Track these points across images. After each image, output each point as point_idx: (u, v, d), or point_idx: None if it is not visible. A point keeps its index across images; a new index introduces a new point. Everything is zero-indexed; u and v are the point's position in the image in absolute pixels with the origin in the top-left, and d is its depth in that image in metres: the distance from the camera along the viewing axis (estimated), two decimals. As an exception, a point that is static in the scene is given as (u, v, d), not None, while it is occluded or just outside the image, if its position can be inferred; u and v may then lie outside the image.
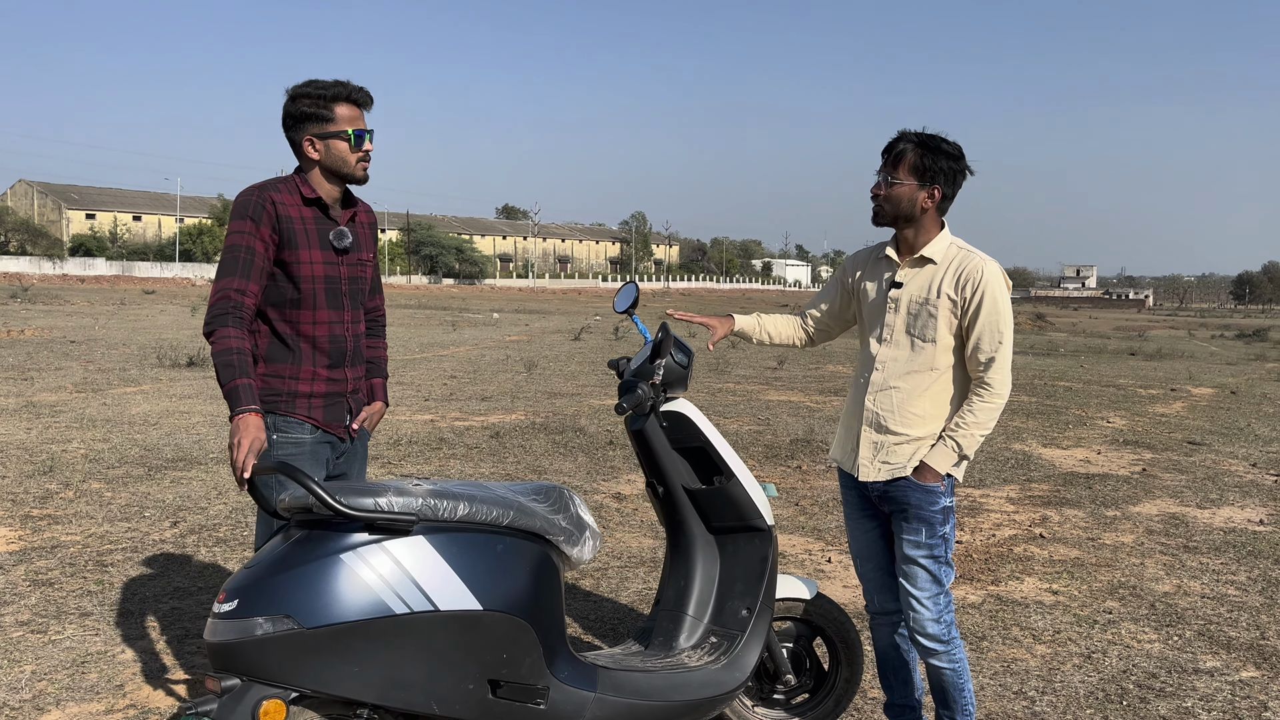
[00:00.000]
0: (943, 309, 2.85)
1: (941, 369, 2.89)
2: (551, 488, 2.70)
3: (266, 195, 2.78)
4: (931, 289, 2.87)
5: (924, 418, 2.89)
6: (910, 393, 2.89)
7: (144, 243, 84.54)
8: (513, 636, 2.42)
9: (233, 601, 2.23)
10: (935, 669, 2.96)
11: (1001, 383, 2.83)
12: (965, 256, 2.87)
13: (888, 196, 2.86)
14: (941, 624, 2.90)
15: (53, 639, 3.93)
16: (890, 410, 2.91)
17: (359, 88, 2.86)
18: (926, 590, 2.89)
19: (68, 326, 21.33)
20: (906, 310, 2.91)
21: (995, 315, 2.81)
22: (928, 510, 2.87)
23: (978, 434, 2.84)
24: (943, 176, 2.84)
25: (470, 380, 13.33)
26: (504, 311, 40.26)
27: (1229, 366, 22.13)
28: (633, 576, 4.97)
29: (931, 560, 2.88)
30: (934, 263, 2.89)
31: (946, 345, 2.87)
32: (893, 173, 2.85)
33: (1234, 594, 4.94)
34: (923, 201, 2.85)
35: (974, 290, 2.81)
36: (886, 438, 2.91)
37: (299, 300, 2.83)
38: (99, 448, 7.72)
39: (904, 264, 2.94)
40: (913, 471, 2.87)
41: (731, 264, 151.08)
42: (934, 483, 2.86)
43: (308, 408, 2.85)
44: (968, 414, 2.84)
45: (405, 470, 7.20)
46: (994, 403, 2.83)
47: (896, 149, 2.85)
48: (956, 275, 2.85)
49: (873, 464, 2.93)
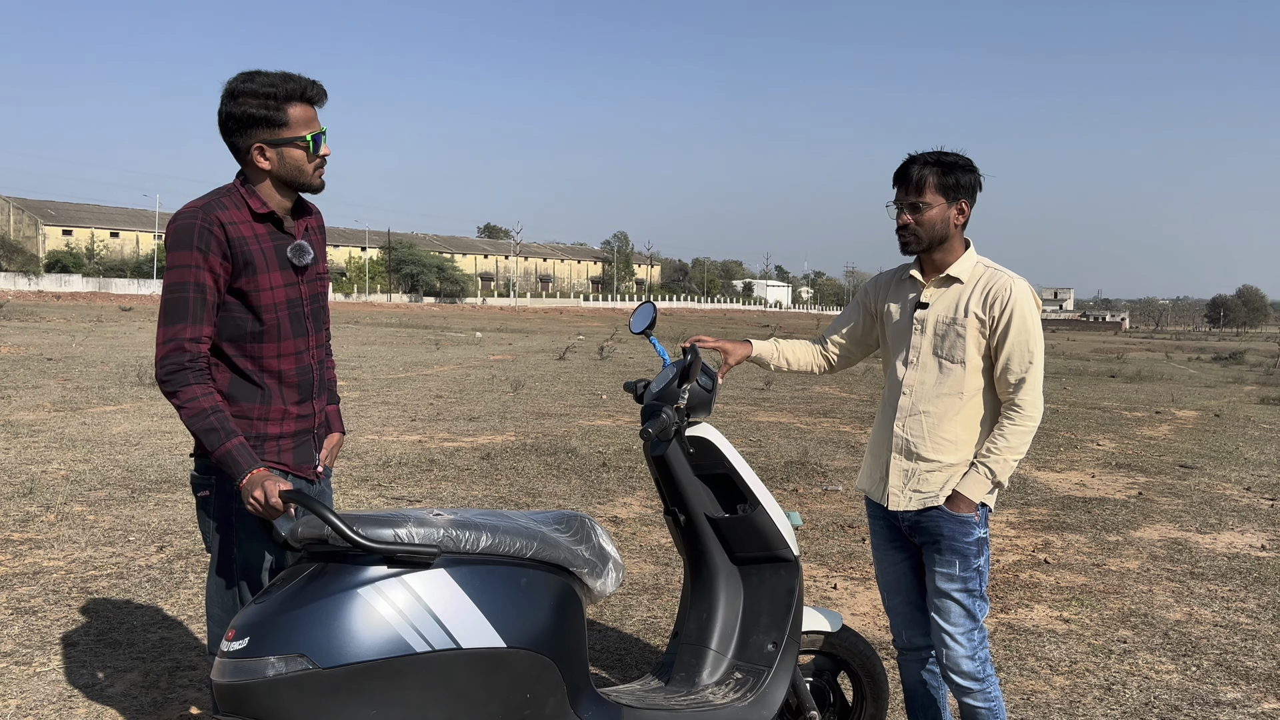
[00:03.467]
0: (971, 328, 2.76)
1: (971, 392, 2.79)
2: (573, 516, 2.59)
3: (212, 217, 2.39)
4: (959, 308, 2.79)
5: (955, 443, 2.80)
6: (941, 417, 2.80)
7: (122, 259, 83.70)
8: (536, 675, 2.30)
9: (243, 639, 2.10)
10: (970, 708, 2.85)
11: (1033, 404, 2.74)
12: (993, 274, 2.80)
13: (919, 223, 2.77)
14: (976, 660, 2.80)
15: (38, 671, 3.76)
16: (920, 436, 2.82)
17: (312, 82, 2.48)
18: (960, 625, 2.79)
19: (44, 344, 20.98)
20: (933, 331, 2.82)
21: (1025, 334, 2.72)
22: (961, 542, 2.77)
23: (1011, 459, 2.74)
24: (965, 192, 2.78)
25: (457, 400, 13.17)
26: (486, 330, 40.05)
27: (1209, 389, 22.29)
28: (636, 604, 4.84)
29: (965, 594, 2.79)
30: (960, 282, 2.82)
31: (976, 366, 2.78)
32: (919, 198, 2.76)
33: (1246, 622, 4.87)
34: (954, 220, 2.79)
35: (1003, 308, 2.73)
36: (917, 465, 2.82)
37: (261, 332, 2.48)
38: (80, 469, 7.53)
39: (929, 284, 2.86)
40: (945, 501, 2.78)
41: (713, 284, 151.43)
42: (967, 513, 2.76)
43: (277, 451, 2.54)
44: (999, 438, 2.74)
45: (397, 493, 7.05)
46: (1026, 425, 2.74)
47: (916, 175, 2.76)
48: (984, 293, 2.77)
49: (903, 492, 2.83)
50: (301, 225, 2.62)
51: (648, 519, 6.56)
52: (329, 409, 2.76)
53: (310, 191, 2.59)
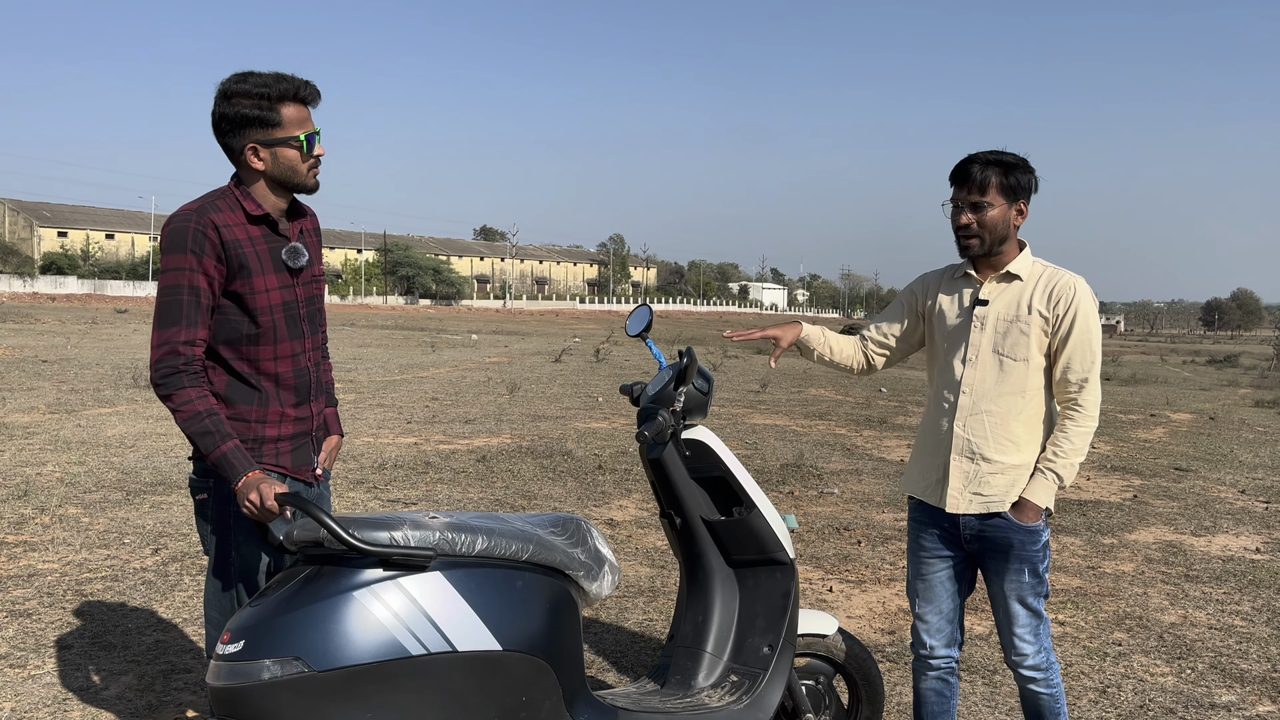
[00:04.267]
0: (1034, 326, 2.73)
1: (1033, 390, 2.76)
2: (569, 519, 2.59)
3: (206, 220, 2.38)
4: (1021, 305, 2.76)
5: (1019, 444, 2.76)
6: (1005, 417, 2.76)
7: (117, 261, 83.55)
8: (532, 678, 2.30)
9: (238, 642, 2.10)
10: (1033, 694, 2.86)
11: (1094, 404, 2.72)
12: (1054, 273, 2.78)
13: (982, 223, 2.74)
14: (1043, 654, 2.82)
15: (33, 674, 3.75)
16: (984, 436, 2.77)
17: (305, 82, 2.48)
18: (1028, 626, 2.80)
19: (39, 346, 20.95)
20: (994, 328, 2.78)
21: (1088, 334, 2.71)
22: (1030, 550, 2.75)
23: (1075, 461, 2.72)
24: (1024, 192, 2.76)
25: (452, 402, 13.16)
26: (482, 333, 40.03)
27: (1203, 392, 22.34)
28: (632, 607, 4.85)
29: (1033, 597, 2.79)
30: (1020, 279, 2.79)
31: (1038, 365, 2.75)
32: (981, 197, 2.73)
33: (1240, 625, 4.88)
34: (1014, 220, 2.77)
35: (1067, 307, 2.71)
36: (980, 466, 2.77)
37: (257, 335, 2.48)
38: (75, 471, 7.51)
39: (988, 281, 2.82)
40: (1011, 508, 2.74)
41: (709, 286, 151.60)
42: (1034, 521, 2.73)
43: (275, 454, 2.53)
44: (1064, 441, 2.71)
45: (392, 495, 7.04)
46: (1087, 426, 2.71)
47: (980, 175, 2.73)
48: (1047, 292, 2.75)
49: (964, 495, 2.78)
50: (296, 227, 2.62)
51: (643, 521, 6.56)
52: (327, 411, 2.76)
53: (304, 192, 2.58)
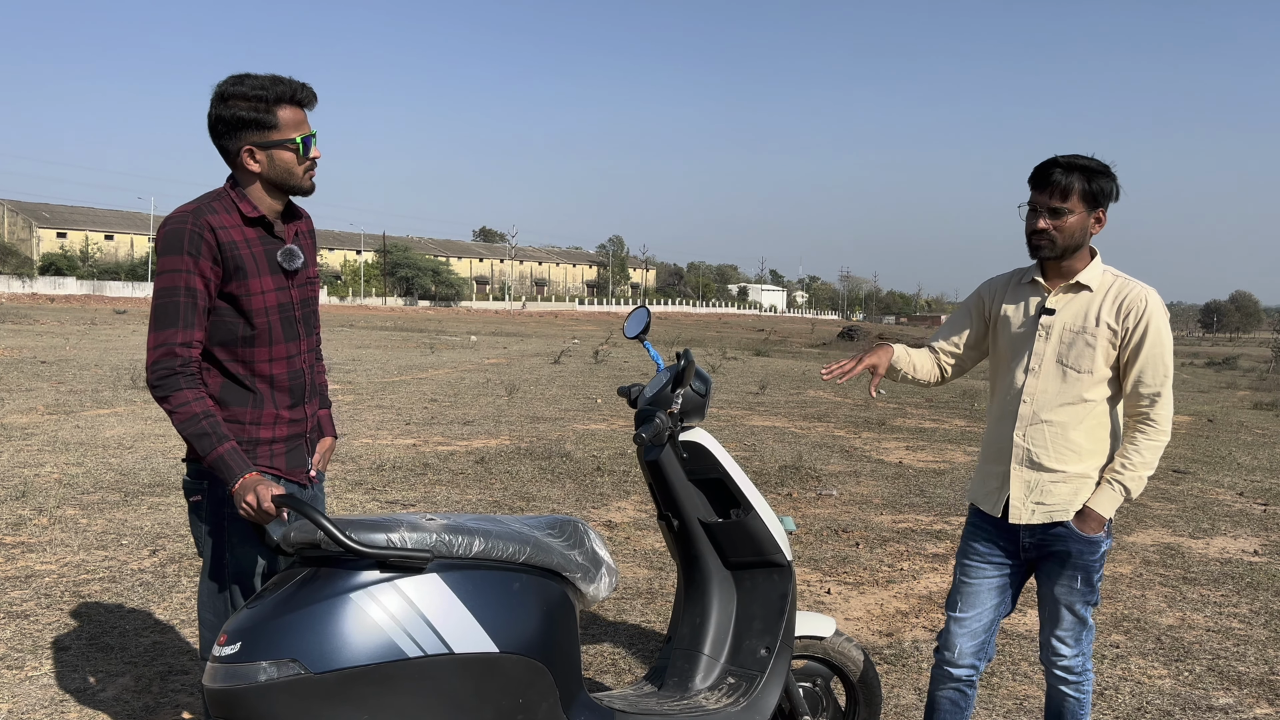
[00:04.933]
0: (1101, 338, 2.71)
1: (1095, 400, 2.74)
2: (566, 521, 2.59)
3: (202, 221, 2.39)
4: (1089, 317, 2.73)
5: (1079, 453, 2.74)
6: (1065, 426, 2.74)
7: (116, 262, 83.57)
8: (529, 680, 2.30)
9: (234, 644, 2.10)
10: (1061, 694, 2.88)
11: (1166, 419, 2.69)
12: (1124, 284, 2.74)
13: (1058, 229, 2.70)
14: (1079, 657, 2.85)
15: (30, 675, 3.75)
16: (1044, 445, 2.76)
17: (302, 85, 2.49)
18: (1071, 631, 2.83)
19: (38, 346, 20.93)
20: (1059, 339, 2.76)
21: (1160, 348, 2.68)
22: (1089, 559, 2.76)
23: (1144, 474, 2.70)
24: (1105, 199, 2.73)
25: (451, 404, 13.16)
26: (481, 334, 40.02)
27: (1202, 394, 22.36)
28: (630, 609, 4.84)
29: (1084, 606, 2.81)
30: (1089, 289, 2.76)
31: (1102, 377, 2.73)
32: (1062, 203, 2.69)
33: (1238, 627, 4.88)
34: (1092, 228, 2.74)
35: (1137, 320, 2.68)
36: (1041, 475, 2.76)
37: (253, 337, 2.49)
38: (73, 472, 7.51)
39: (1056, 290, 2.79)
40: (1074, 518, 2.74)
41: (708, 288, 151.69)
42: (1097, 532, 2.73)
43: (269, 455, 2.54)
44: (1134, 454, 2.69)
45: (391, 497, 7.04)
46: (1159, 440, 2.69)
47: (1063, 180, 2.68)
48: (1116, 303, 2.71)
49: (1025, 504, 2.77)
50: (291, 229, 2.62)
51: (642, 523, 6.56)
52: (321, 413, 2.76)
53: (300, 194, 2.59)
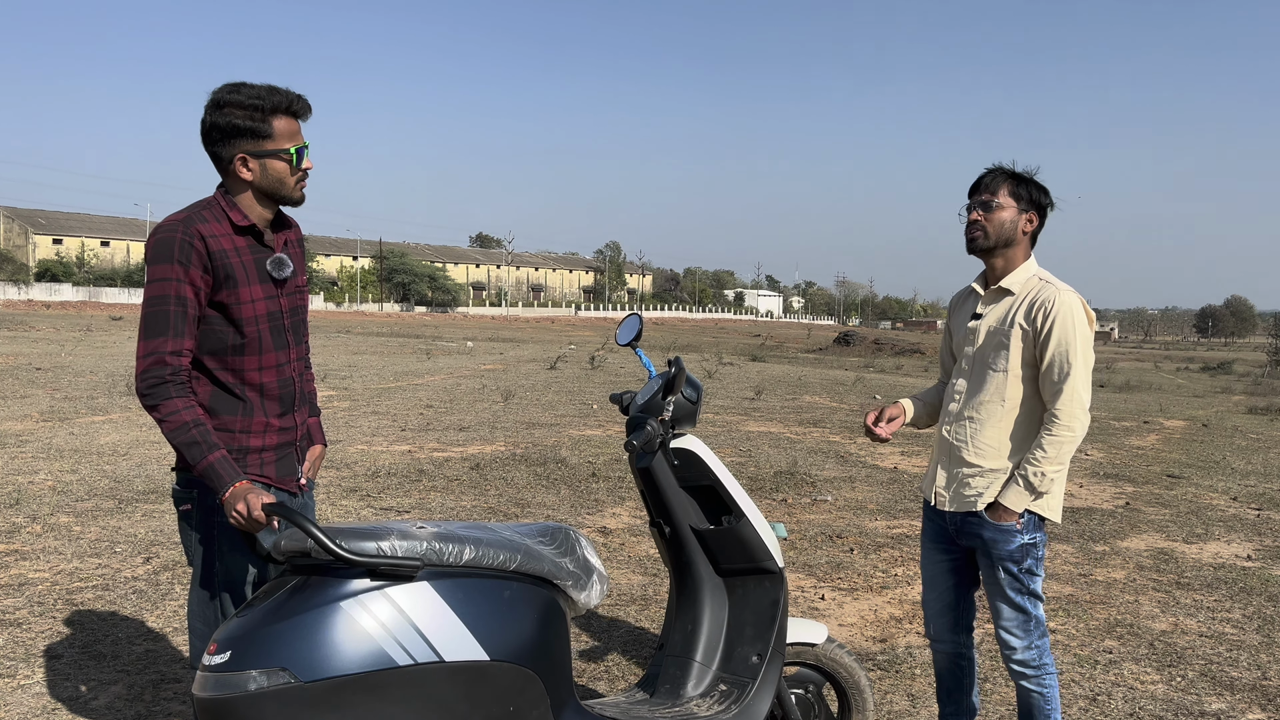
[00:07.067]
0: (1014, 338, 2.88)
1: (1012, 399, 2.90)
2: (557, 529, 2.60)
3: (193, 230, 2.40)
4: (1006, 319, 2.92)
5: (996, 448, 2.91)
6: (983, 422, 2.93)
7: (112, 268, 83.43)
8: (520, 688, 2.31)
9: (224, 653, 2.10)
10: (1024, 690, 2.99)
11: (1071, 414, 2.80)
12: (1043, 287, 2.90)
13: (989, 219, 2.91)
14: (1033, 650, 2.95)
15: (22, 684, 3.74)
16: (964, 440, 2.96)
17: (298, 96, 2.50)
18: (1013, 620, 2.94)
19: (33, 353, 20.89)
20: (984, 340, 2.96)
21: (1065, 345, 2.81)
22: (1002, 548, 2.89)
23: (1049, 469, 2.81)
24: (1035, 205, 2.94)
25: (447, 410, 13.15)
26: (478, 340, 40.00)
27: (1197, 399, 22.40)
28: (623, 615, 4.84)
29: (1015, 593, 2.91)
30: (1012, 294, 2.94)
31: (1017, 375, 2.89)
32: (992, 197, 2.91)
33: (1231, 632, 4.89)
34: (1024, 225, 2.93)
35: (1045, 318, 2.83)
36: (961, 469, 2.96)
37: (243, 346, 2.49)
38: (67, 479, 7.50)
39: (986, 295, 3.00)
40: (986, 509, 2.89)
41: (704, 294, 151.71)
42: (1008, 521, 2.86)
43: (259, 464, 2.54)
44: (1037, 449, 2.83)
45: (385, 503, 7.04)
46: (1062, 435, 2.80)
47: (990, 179, 2.94)
48: (1030, 305, 2.88)
49: (946, 494, 2.99)
50: (281, 238, 2.64)
51: (637, 529, 6.56)
52: (310, 421, 2.76)
53: (291, 204, 2.60)
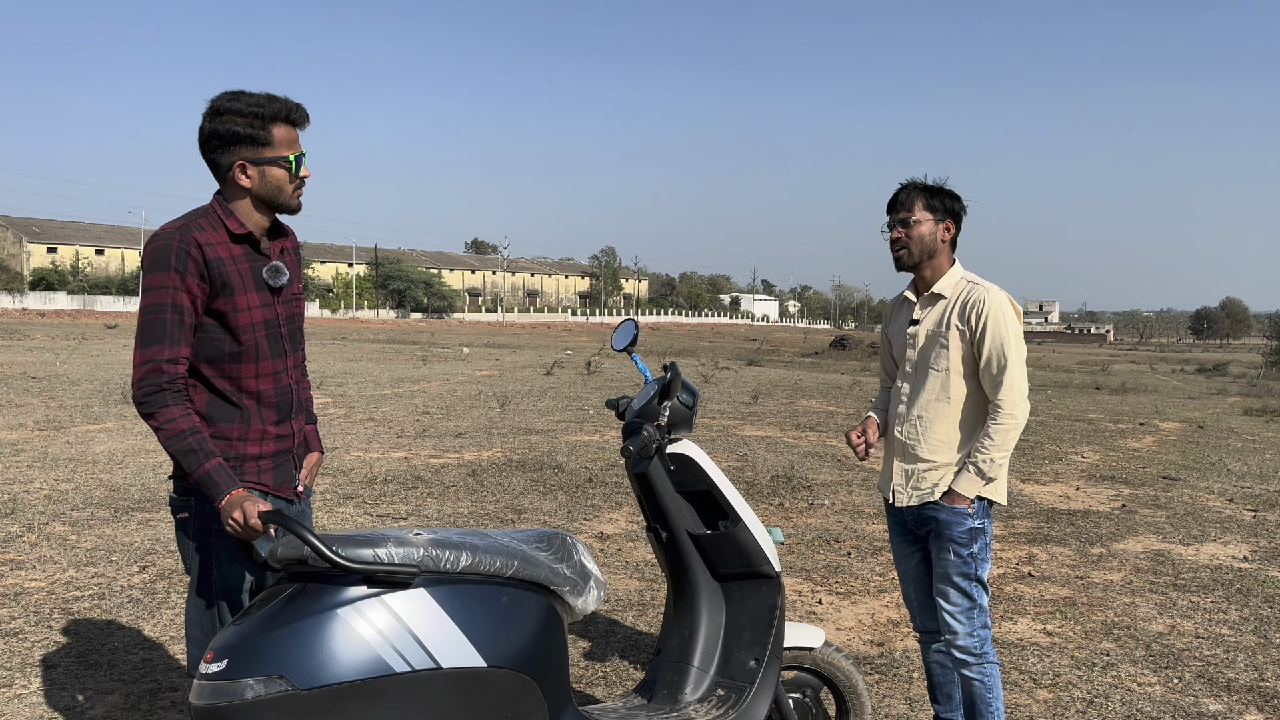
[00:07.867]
0: (953, 339, 3.05)
1: (957, 396, 3.08)
2: (554, 534, 2.59)
3: (190, 238, 2.39)
4: (942, 322, 3.09)
5: (947, 443, 3.08)
6: (932, 420, 3.10)
7: (107, 277, 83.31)
8: (517, 694, 2.30)
9: (221, 661, 2.09)
10: (966, 679, 3.11)
11: (1012, 403, 2.97)
12: (972, 289, 3.08)
13: (910, 236, 3.08)
14: (974, 638, 3.06)
15: (19, 693, 3.73)
16: (916, 439, 3.12)
17: (296, 105, 2.51)
18: (958, 605, 3.06)
19: (28, 362, 20.85)
20: (923, 344, 3.13)
21: (999, 340, 2.98)
22: (954, 530, 3.03)
23: (996, 456, 2.99)
24: (949, 213, 3.12)
25: (443, 416, 13.14)
26: (474, 346, 39.98)
27: (1192, 401, 22.44)
28: (621, 620, 4.84)
29: (962, 577, 3.04)
30: (944, 298, 3.12)
31: (958, 372, 3.07)
32: (909, 214, 3.07)
33: (1228, 634, 4.90)
34: (942, 235, 3.10)
35: (978, 317, 3.01)
36: (916, 465, 3.12)
37: (239, 353, 2.49)
38: (62, 488, 7.48)
39: (920, 302, 3.18)
40: (941, 497, 3.06)
41: (700, 298, 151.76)
42: (961, 505, 3.02)
43: (257, 471, 2.54)
44: (984, 438, 3.00)
45: (382, 510, 7.03)
46: (1006, 424, 2.97)
47: (905, 196, 3.10)
48: (963, 306, 3.06)
49: (905, 490, 3.14)
50: (277, 246, 2.64)
51: (634, 535, 6.55)
52: (307, 429, 2.76)
53: (287, 212, 2.60)
